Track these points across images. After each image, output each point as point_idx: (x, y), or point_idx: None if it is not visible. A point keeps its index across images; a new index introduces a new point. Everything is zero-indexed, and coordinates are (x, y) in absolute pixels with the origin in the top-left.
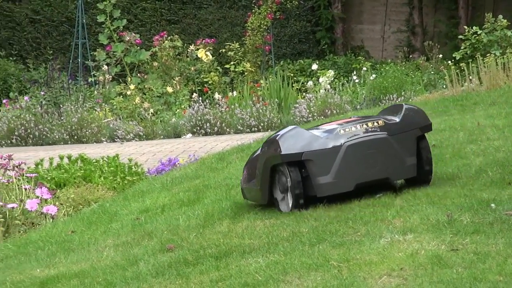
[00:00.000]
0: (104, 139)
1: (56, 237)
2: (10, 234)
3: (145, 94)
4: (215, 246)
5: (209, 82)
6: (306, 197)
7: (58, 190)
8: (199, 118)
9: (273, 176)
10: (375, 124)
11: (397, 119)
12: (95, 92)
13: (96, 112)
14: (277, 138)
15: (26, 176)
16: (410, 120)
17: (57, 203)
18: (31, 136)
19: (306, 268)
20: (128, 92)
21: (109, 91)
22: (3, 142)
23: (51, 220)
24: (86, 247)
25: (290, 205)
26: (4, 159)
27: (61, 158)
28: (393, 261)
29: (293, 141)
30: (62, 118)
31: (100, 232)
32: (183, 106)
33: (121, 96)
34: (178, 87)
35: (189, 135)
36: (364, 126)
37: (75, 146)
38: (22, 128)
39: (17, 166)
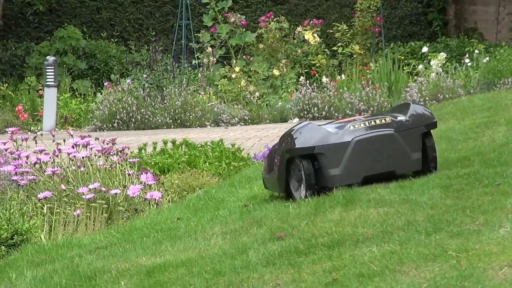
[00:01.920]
0: (208, 123)
1: (161, 224)
2: (113, 221)
3: (251, 77)
4: (327, 235)
5: (317, 65)
6: (318, 187)
7: (162, 176)
8: (307, 102)
9: (289, 167)
10: (383, 121)
11: (403, 117)
12: (199, 75)
13: (200, 95)
14: (292, 133)
15: (129, 161)
16: (416, 118)
17: (161, 189)
18: (133, 120)
19: (423, 259)
20: (233, 75)
21: (214, 74)
22: (105, 126)
23: (155, 206)
24: (193, 235)
25: (303, 194)
26: (107, 144)
27: (165, 142)
28: None
29: (307, 135)
30: (165, 101)
31: (206, 219)
32: (289, 90)
33: (226, 79)
34: (284, 70)
35: (296, 119)
36: (372, 122)
37: (178, 130)
38: (124, 111)
39: (120, 151)
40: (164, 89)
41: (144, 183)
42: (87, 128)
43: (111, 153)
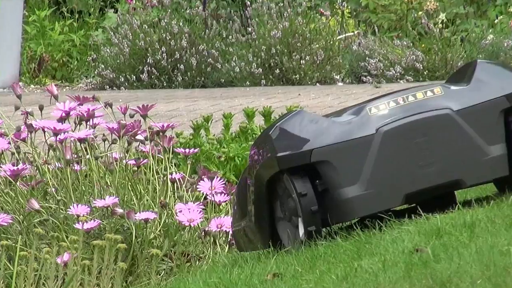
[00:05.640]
0: (337, 77)
1: (240, 285)
2: (138, 276)
3: None
4: None
5: None
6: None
7: None
8: None
9: (272, 197)
10: (428, 94)
11: (465, 86)
12: None
13: (322, 18)
14: (270, 132)
15: (175, 151)
16: (488, 84)
17: None
18: (182, 67)
19: None
20: None
21: None
22: (122, 79)
23: (226, 249)
24: None
25: (300, 235)
26: (132, 116)
27: (249, 114)
28: None
29: (296, 133)
30: (248, 30)
31: (335, 277)
32: (511, 10)
33: None
34: None
35: None
36: (410, 98)
37: (274, 89)
38: (162, 51)
39: (157, 133)
40: (250, 4)
41: (206, 197)
42: (85, 83)
43: (137, 135)
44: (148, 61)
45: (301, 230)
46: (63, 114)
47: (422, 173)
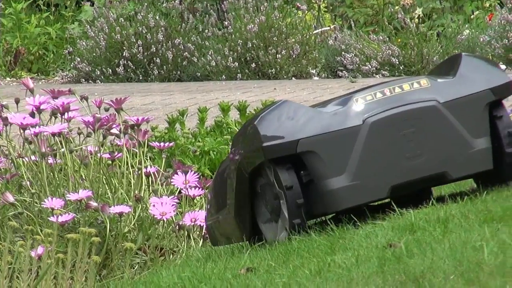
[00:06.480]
0: (313, 71)
1: (213, 280)
2: (112, 270)
3: None
4: None
5: None
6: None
7: None
8: None
9: (254, 190)
10: (416, 85)
11: (451, 78)
12: None
13: (299, 12)
14: (255, 122)
15: (149, 145)
16: (473, 77)
17: None
18: (158, 61)
19: None
20: None
21: None
22: (97, 72)
23: (200, 243)
24: None
25: (283, 233)
26: (106, 110)
27: (224, 108)
28: None
29: (282, 123)
30: (225, 23)
31: (308, 272)
32: (488, 5)
33: None
34: None
35: (502, 67)
36: (397, 89)
37: (251, 83)
38: (138, 44)
39: (132, 126)
40: None
41: (180, 191)
42: (61, 76)
43: (112, 129)
44: (124, 54)
45: (284, 219)
46: (34, 108)
47: (408, 165)
